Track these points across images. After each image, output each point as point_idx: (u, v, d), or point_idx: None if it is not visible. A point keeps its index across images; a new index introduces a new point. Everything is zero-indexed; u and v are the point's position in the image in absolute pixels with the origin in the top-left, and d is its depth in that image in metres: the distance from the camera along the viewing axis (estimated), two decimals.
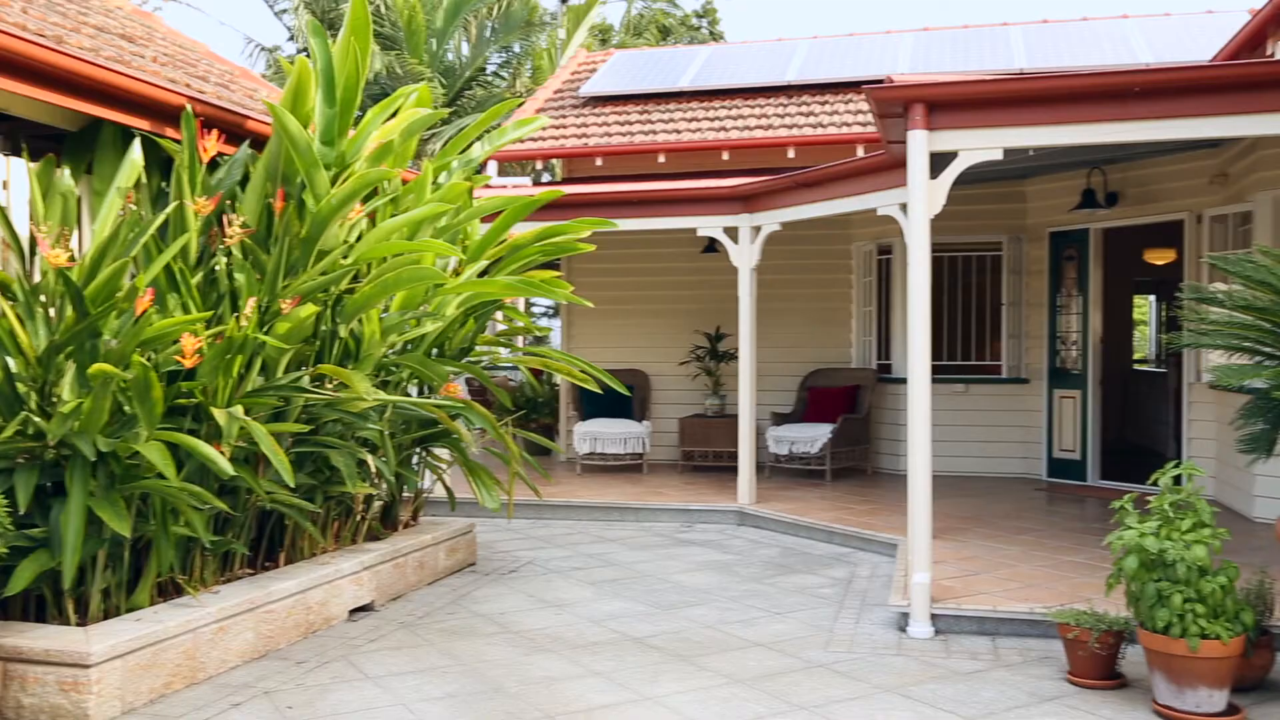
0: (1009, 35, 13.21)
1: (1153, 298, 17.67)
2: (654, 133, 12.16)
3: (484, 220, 7.53)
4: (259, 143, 6.57)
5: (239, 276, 5.73)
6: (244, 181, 6.27)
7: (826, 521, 8.47)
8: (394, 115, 6.65)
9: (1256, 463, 4.79)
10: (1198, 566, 4.36)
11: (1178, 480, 4.60)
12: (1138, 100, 5.63)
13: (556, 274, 7.44)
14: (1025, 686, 4.87)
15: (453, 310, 6.82)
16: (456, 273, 7.10)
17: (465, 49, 20.78)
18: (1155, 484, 4.64)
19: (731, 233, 9.30)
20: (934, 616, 5.74)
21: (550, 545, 8.40)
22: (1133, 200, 9.93)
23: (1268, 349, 4.69)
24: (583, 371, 7.16)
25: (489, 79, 20.39)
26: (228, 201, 6.07)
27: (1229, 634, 4.34)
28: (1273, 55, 6.22)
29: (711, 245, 10.80)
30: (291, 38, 21.60)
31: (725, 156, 11.68)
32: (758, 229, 9.10)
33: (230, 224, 5.72)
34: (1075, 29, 13.17)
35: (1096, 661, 4.84)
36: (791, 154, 11.39)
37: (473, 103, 19.72)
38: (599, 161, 12.17)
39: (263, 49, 21.25)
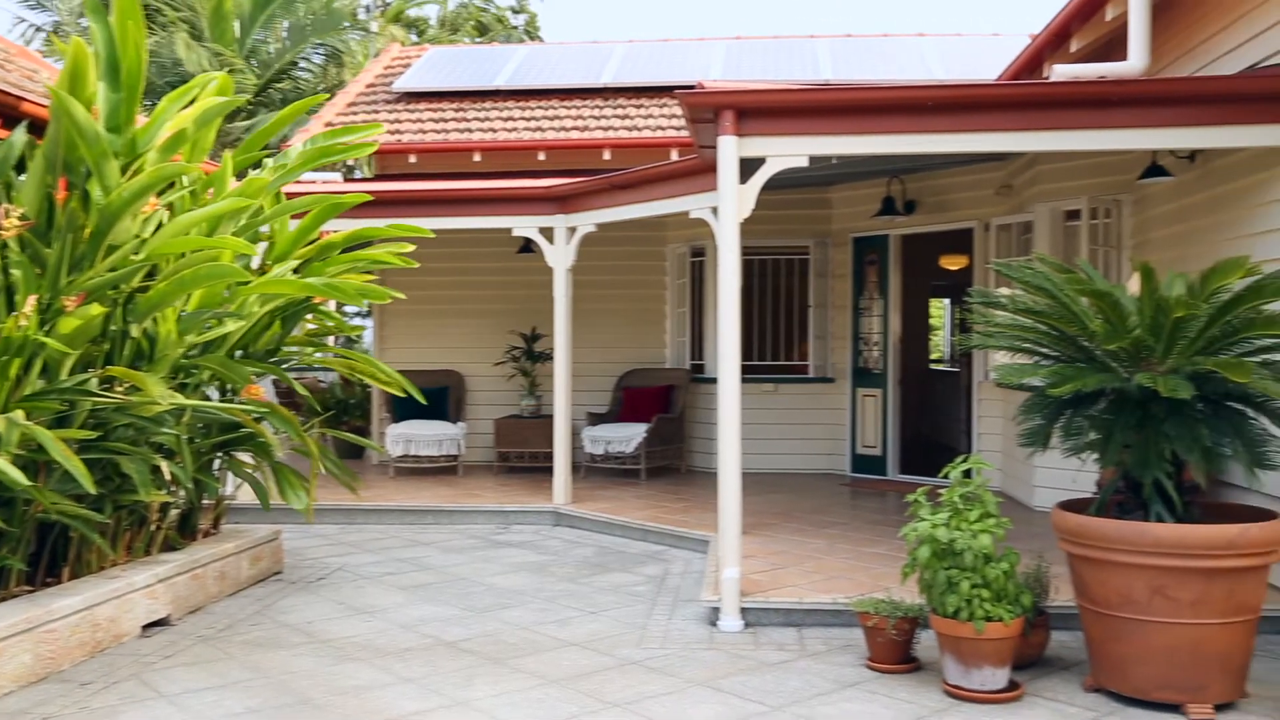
0: (816, 47, 13.71)
1: (948, 301, 18.70)
2: (470, 131, 12.03)
3: (294, 217, 7.25)
4: (38, 128, 6.12)
5: (15, 272, 5.33)
6: (20, 167, 5.83)
7: (641, 520, 8.58)
8: (191, 103, 6.33)
9: (1035, 455, 5.12)
10: (983, 554, 4.64)
11: (967, 474, 4.87)
12: (932, 114, 5.94)
13: (370, 277, 7.23)
14: (829, 674, 5.06)
15: (257, 309, 6.55)
16: (263, 271, 6.82)
17: (281, 38, 19.97)
18: (947, 477, 4.91)
19: (547, 233, 9.29)
20: (744, 610, 5.89)
21: (361, 550, 8.18)
22: (929, 208, 10.48)
23: (1045, 350, 5.03)
24: (386, 376, 7.00)
25: (298, 73, 19.65)
26: (3, 189, 5.64)
27: (1010, 616, 4.63)
28: (1048, 77, 6.69)
29: (527, 245, 10.77)
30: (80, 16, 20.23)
31: (541, 157, 11.67)
32: (573, 230, 9.13)
33: (7, 215, 5.31)
34: (877, 44, 13.81)
35: (894, 647, 5.08)
36: (607, 156, 11.49)
37: (279, 95, 18.98)
38: (413, 159, 11.95)
39: (38, 29, 19.79)
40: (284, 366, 7.30)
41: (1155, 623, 4.46)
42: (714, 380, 10.93)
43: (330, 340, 12.06)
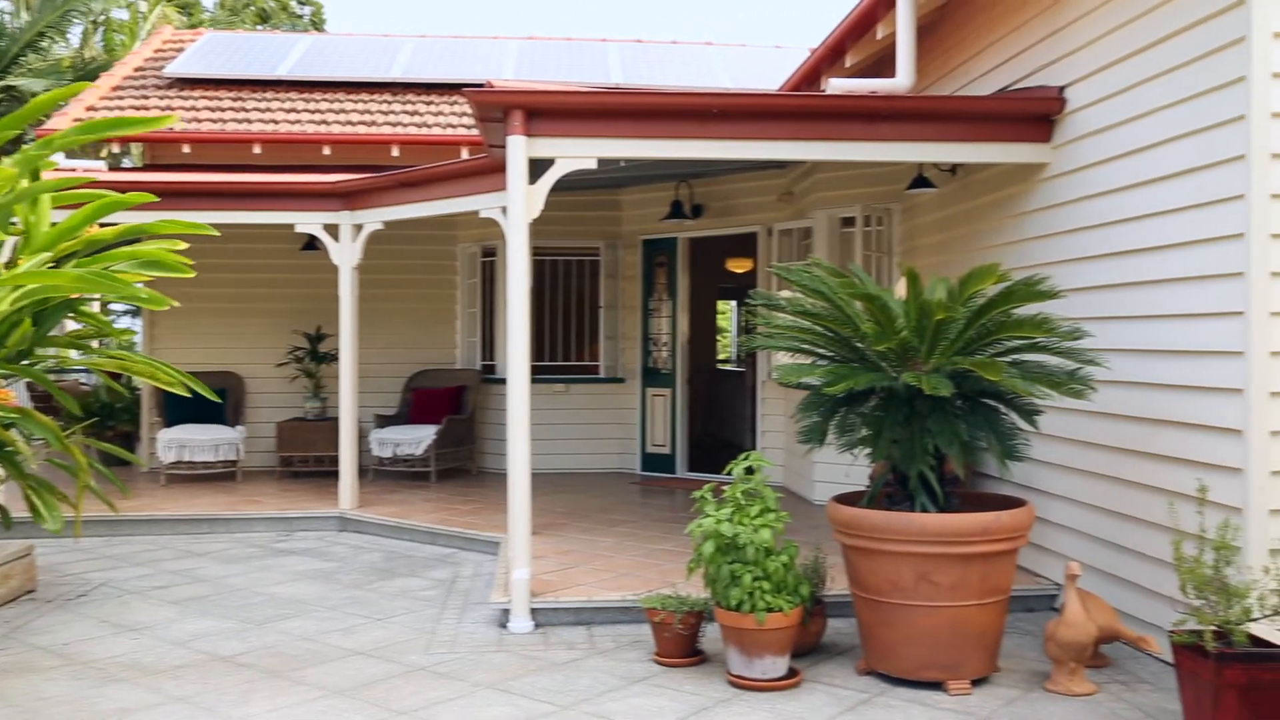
0: (607, 51, 13.87)
1: (734, 303, 19.31)
2: (249, 121, 11.50)
3: (62, 208, 6.70)
4: None
5: None
6: None
7: (431, 523, 8.44)
8: None
9: (813, 451, 5.35)
10: (764, 548, 4.82)
11: (749, 471, 5.04)
12: (716, 121, 6.11)
13: (147, 276, 6.77)
14: (618, 671, 5.12)
15: (6, 306, 6.03)
16: (12, 264, 6.28)
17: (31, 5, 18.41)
18: (731, 474, 5.06)
19: (332, 230, 9.00)
20: (534, 611, 5.89)
21: (128, 564, 7.68)
22: (716, 213, 10.79)
23: (821, 350, 5.27)
24: (169, 376, 6.59)
25: (45, 47, 18.13)
26: None
27: (790, 606, 4.82)
28: (825, 90, 7.02)
29: (312, 242, 10.40)
30: None
31: (327, 151, 11.29)
32: (359, 227, 8.88)
33: None
34: (667, 51, 14.09)
35: (680, 641, 5.19)
36: (396, 152, 11.23)
37: (27, 70, 17.50)
38: (186, 149, 11.30)
39: None
40: (39, 368, 6.75)
41: (920, 606, 4.74)
42: (505, 381, 10.87)
43: (95, 343, 11.27)
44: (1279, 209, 4.53)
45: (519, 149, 5.96)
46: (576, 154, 6.07)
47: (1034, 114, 6.22)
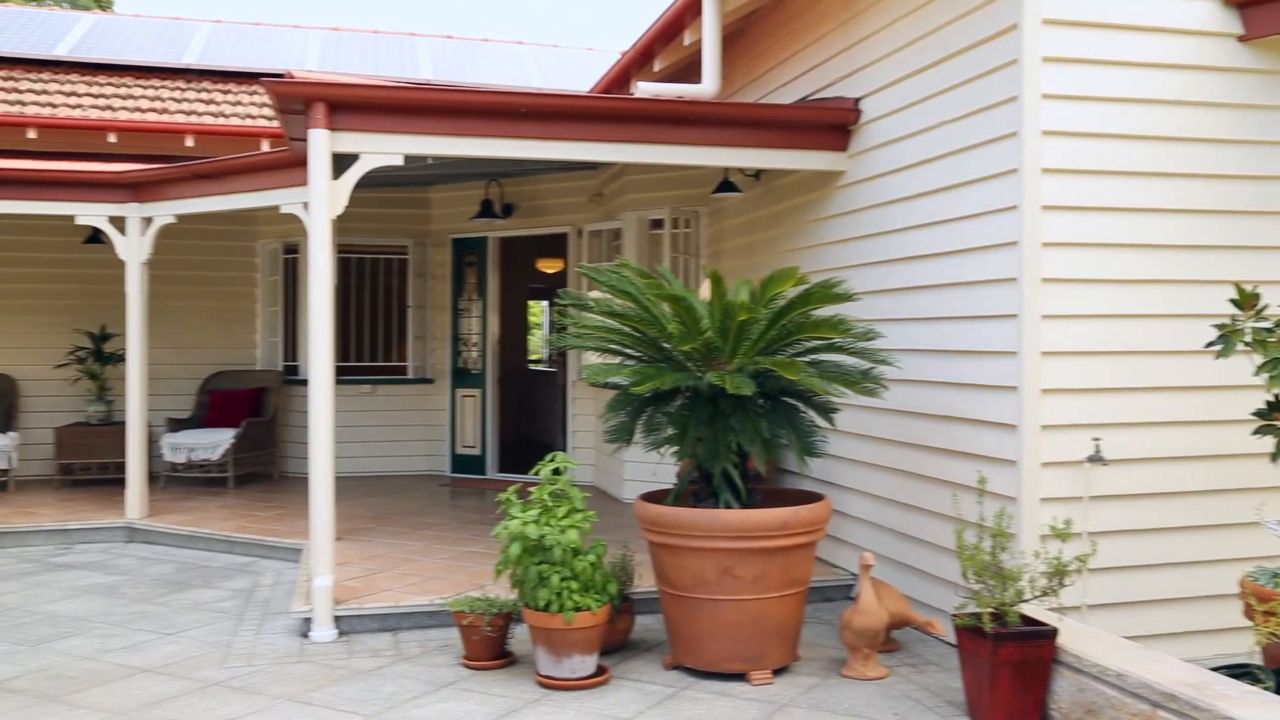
0: (416, 45, 13.62)
1: (546, 303, 19.31)
2: (22, 104, 10.69)
3: None
4: None
5: None
6: None
7: (228, 531, 8.06)
8: None
9: (622, 450, 5.41)
10: (572, 548, 4.83)
11: (556, 471, 5.05)
12: (525, 120, 6.09)
13: None
14: (425, 676, 5.03)
15: None
16: None
17: None
18: (538, 475, 5.06)
19: (118, 223, 8.47)
20: (338, 618, 5.71)
21: None
22: (526, 212, 10.75)
23: (629, 350, 5.33)
24: None
25: None
26: None
27: (598, 605, 4.86)
28: (634, 93, 7.12)
29: (96, 235, 9.76)
30: None
31: (113, 139, 10.61)
32: (149, 220, 8.39)
33: None
34: (478, 48, 13.96)
35: (489, 644, 5.15)
36: (190, 142, 10.68)
37: None
38: None
39: None
40: None
41: (724, 600, 4.87)
42: (308, 382, 10.51)
43: None
44: (1050, 219, 4.88)
45: (321, 143, 5.77)
46: (382, 150, 5.93)
47: (832, 123, 6.49)
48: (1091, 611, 4.93)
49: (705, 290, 5.24)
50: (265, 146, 10.63)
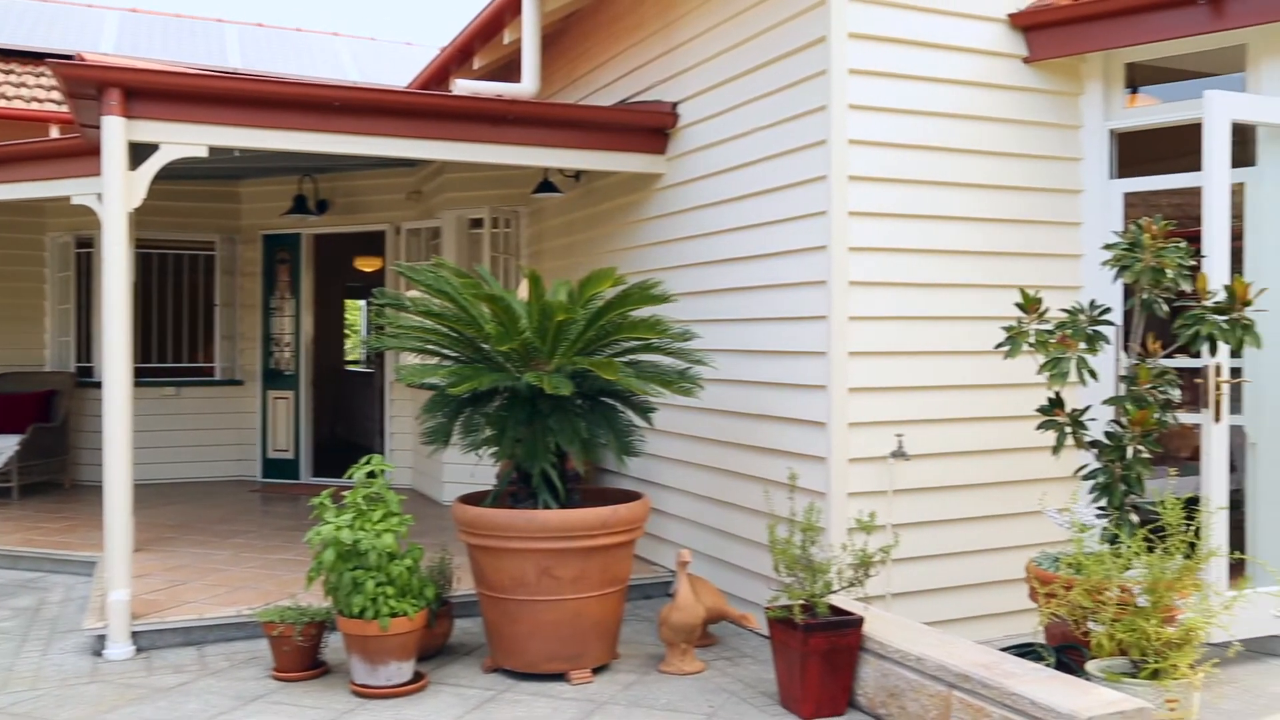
0: (224, 32, 13.05)
1: (363, 302, 18.82)
2: None
3: None
4: None
5: None
6: None
7: (12, 545, 7.51)
8: None
9: (439, 452, 5.33)
10: (387, 552, 4.72)
11: (372, 474, 4.93)
12: (340, 115, 5.91)
13: None
14: (231, 691, 4.82)
15: None
16: None
17: None
18: (353, 478, 4.92)
19: None
20: (136, 634, 5.40)
21: None
22: (342, 209, 10.45)
23: (446, 351, 5.25)
24: None
25: None
26: None
27: (415, 609, 4.77)
28: (452, 90, 7.02)
29: None
30: None
31: None
32: None
33: None
34: (291, 38, 13.48)
35: (300, 654, 4.98)
36: None
37: None
38: None
39: None
40: None
41: (544, 601, 4.86)
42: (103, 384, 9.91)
43: None
44: (856, 224, 5.09)
45: (116, 131, 5.45)
46: (185, 140, 5.64)
47: (650, 126, 6.57)
48: (896, 600, 5.17)
49: (524, 290, 5.22)
50: (55, 132, 9.96)
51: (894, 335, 5.21)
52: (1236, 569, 4.87)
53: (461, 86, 6.89)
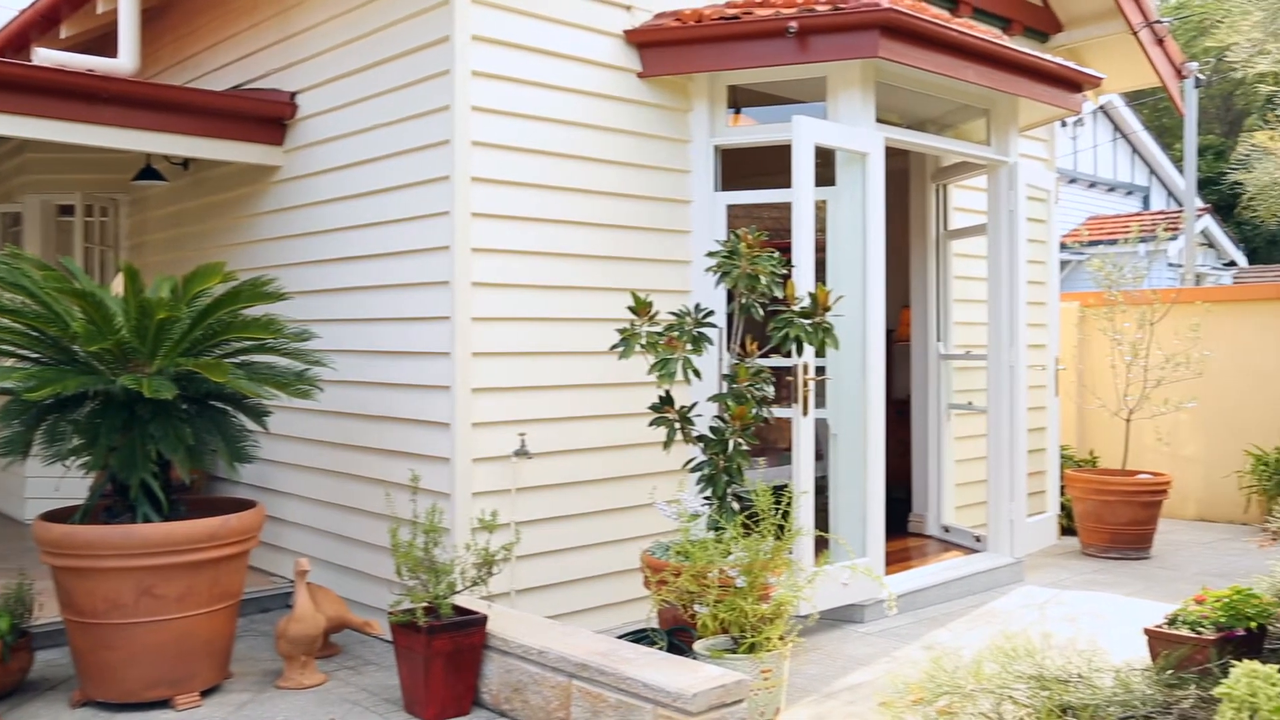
0: None
1: None
2: None
3: None
4: None
5: None
6: None
7: None
8: None
9: (17, 465, 4.76)
10: None
11: None
12: None
13: None
14: None
15: None
16: None
17: None
18: None
19: None
20: None
21: None
22: None
23: (24, 351, 4.69)
24: None
25: None
26: None
27: None
28: (33, 60, 6.27)
29: None
30: None
31: None
32: None
33: None
34: None
35: None
36: None
37: None
38: None
39: None
40: None
41: (144, 623, 4.47)
42: None
43: None
44: (479, 225, 5.12)
45: None
46: None
47: (266, 116, 6.25)
48: (520, 596, 5.26)
49: (118, 285, 4.77)
50: None
51: (517, 336, 5.29)
52: (823, 546, 5.40)
53: (44, 57, 6.18)
